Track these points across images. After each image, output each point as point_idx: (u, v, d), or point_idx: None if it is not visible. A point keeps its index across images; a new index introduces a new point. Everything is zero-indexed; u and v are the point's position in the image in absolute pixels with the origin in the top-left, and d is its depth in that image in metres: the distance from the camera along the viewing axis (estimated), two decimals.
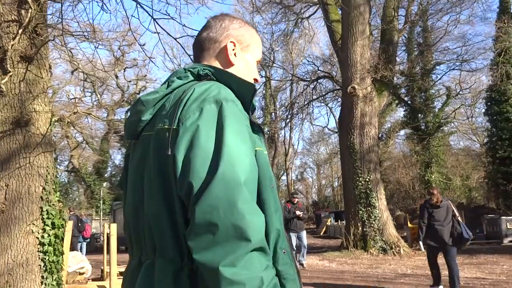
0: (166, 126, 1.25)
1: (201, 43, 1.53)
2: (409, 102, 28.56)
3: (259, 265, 1.08)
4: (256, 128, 1.34)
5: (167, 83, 1.38)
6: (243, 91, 1.34)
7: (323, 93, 24.92)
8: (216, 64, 1.48)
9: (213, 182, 1.11)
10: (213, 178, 1.11)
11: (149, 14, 4.85)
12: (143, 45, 5.02)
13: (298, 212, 11.24)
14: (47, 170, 5.61)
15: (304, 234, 11.78)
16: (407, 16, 23.12)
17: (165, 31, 5.08)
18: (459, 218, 7.56)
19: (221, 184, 1.10)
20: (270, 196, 1.27)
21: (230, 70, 1.46)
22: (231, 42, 1.50)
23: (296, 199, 11.82)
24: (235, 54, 1.50)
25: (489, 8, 27.80)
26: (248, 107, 1.34)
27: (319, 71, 23.38)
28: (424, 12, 25.58)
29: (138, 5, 4.76)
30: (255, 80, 1.57)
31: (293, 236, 11.42)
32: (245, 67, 1.52)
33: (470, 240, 7.64)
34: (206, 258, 1.08)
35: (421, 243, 7.68)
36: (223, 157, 1.14)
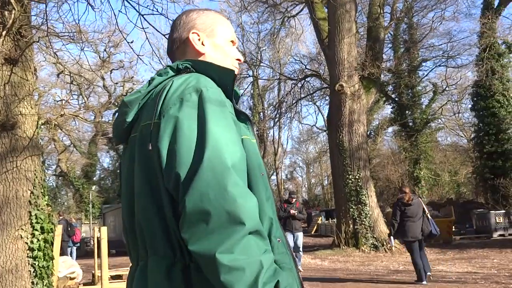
0: (148, 121, 1.24)
1: (171, 47, 1.53)
2: (396, 99, 28.74)
3: (257, 249, 1.05)
4: (242, 116, 1.32)
5: (148, 82, 1.37)
6: (224, 78, 1.32)
7: (311, 92, 24.97)
8: None
9: (201, 170, 1.08)
10: (200, 166, 1.09)
11: (137, 10, 4.79)
12: (131, 42, 4.95)
13: (292, 211, 10.61)
14: (34, 174, 5.52)
15: (300, 235, 10.99)
16: (393, 13, 23.26)
17: (153, 27, 5.03)
18: (429, 215, 8.27)
19: (208, 170, 1.08)
20: (260, 184, 1.25)
21: (203, 59, 1.44)
22: (193, 33, 1.48)
23: (294, 199, 11.19)
24: (202, 43, 1.48)
25: (473, 4, 28.17)
26: (231, 95, 1.32)
27: (306, 70, 23.41)
28: (409, 9, 25.73)
29: (126, 1, 4.70)
30: (238, 60, 1.54)
31: (290, 237, 10.62)
32: (218, 52, 1.49)
33: (437, 235, 8.50)
34: (202, 248, 1.04)
35: (392, 238, 8.38)
36: (207, 144, 1.12)
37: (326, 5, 17.48)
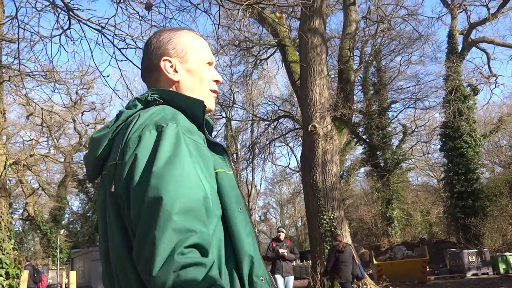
0: (113, 162, 1.18)
1: (144, 75, 1.44)
2: (367, 140, 29.19)
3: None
4: (218, 148, 1.27)
5: (117, 115, 1.31)
6: (193, 109, 1.26)
7: (284, 133, 25.17)
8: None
9: (141, 216, 1.04)
10: (141, 210, 1.04)
11: (113, 44, 4.78)
12: (107, 76, 4.91)
13: (281, 251, 9.06)
14: (0, 217, 5.30)
15: (291, 279, 9.51)
16: (362, 57, 23.99)
17: (130, 60, 5.02)
18: (357, 260, 9.61)
19: (146, 216, 1.03)
20: (238, 219, 1.18)
21: (177, 87, 1.38)
22: (164, 60, 1.38)
23: (282, 234, 9.57)
24: (175, 70, 1.39)
25: (439, 49, 29.26)
26: (202, 126, 1.25)
27: (279, 111, 23.66)
28: (378, 53, 26.60)
29: (102, 35, 4.68)
30: (216, 81, 1.45)
31: (280, 280, 9.19)
32: (192, 78, 1.40)
33: (363, 278, 10.59)
34: None
35: (325, 279, 9.81)
36: (150, 186, 1.05)
37: (298, 48, 17.87)
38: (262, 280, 1.15)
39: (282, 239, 9.47)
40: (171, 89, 1.37)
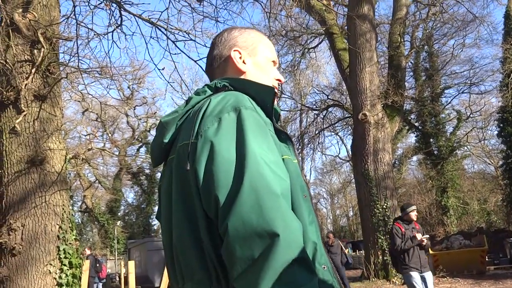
0: (185, 142, 1.18)
1: (211, 64, 1.48)
2: (420, 127, 28.42)
3: (301, 278, 0.98)
4: (283, 136, 1.27)
5: (186, 101, 1.33)
6: (263, 96, 1.27)
7: (333, 122, 24.89)
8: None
9: (242, 192, 1.02)
10: (241, 188, 1.02)
11: (167, 37, 4.86)
12: (163, 69, 5.01)
13: (419, 236, 6.38)
14: (63, 209, 5.53)
15: (430, 276, 6.53)
16: (413, 42, 23.30)
17: (184, 53, 5.11)
18: (345, 251, 12.56)
19: (251, 193, 1.01)
20: (304, 207, 1.17)
21: (244, 78, 1.40)
22: (234, 50, 1.44)
23: (413, 213, 6.67)
24: (244, 62, 1.44)
25: (495, 30, 28.00)
26: (271, 113, 1.26)
27: (328, 100, 23.40)
28: (429, 37, 25.80)
29: (156, 28, 4.78)
30: (278, 80, 1.51)
31: (417, 277, 6.38)
32: (259, 70, 1.46)
33: (351, 265, 13.81)
34: (244, 280, 0.99)
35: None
36: (248, 166, 1.05)
37: (346, 35, 17.58)
38: (324, 268, 1.14)
39: (413, 220, 6.69)
40: None
